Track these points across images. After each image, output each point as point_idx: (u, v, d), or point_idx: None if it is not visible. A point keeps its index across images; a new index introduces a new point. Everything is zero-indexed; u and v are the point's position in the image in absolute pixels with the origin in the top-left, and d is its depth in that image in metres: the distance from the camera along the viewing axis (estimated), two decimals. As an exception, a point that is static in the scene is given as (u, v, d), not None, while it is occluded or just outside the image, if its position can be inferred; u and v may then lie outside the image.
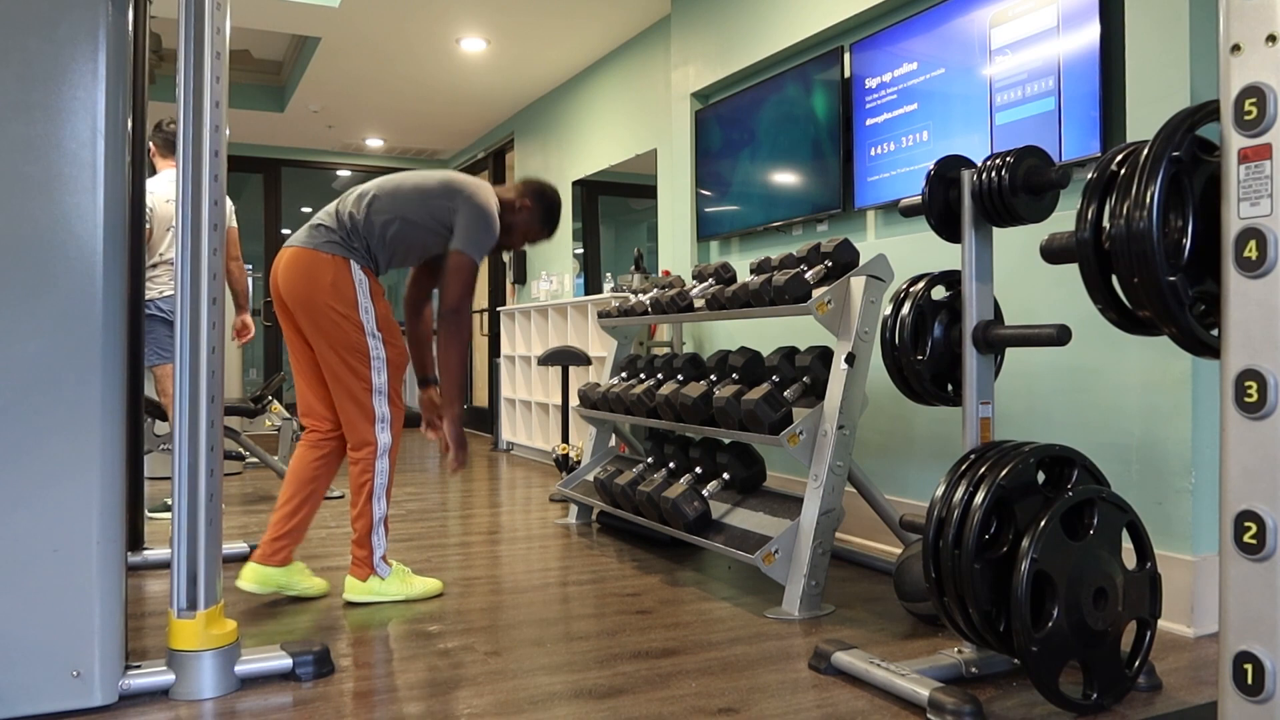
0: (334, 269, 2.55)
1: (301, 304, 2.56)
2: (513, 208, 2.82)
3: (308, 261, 2.56)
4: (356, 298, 2.56)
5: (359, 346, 2.55)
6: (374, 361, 2.57)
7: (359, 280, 2.57)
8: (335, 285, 2.54)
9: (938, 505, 1.85)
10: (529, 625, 2.43)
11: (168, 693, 1.91)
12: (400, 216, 2.64)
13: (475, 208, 2.66)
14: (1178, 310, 1.45)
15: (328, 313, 2.54)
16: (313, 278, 2.55)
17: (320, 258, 2.56)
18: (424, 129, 7.81)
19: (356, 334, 2.55)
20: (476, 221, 2.65)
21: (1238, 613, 1.29)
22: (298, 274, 2.57)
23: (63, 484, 1.81)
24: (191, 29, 1.93)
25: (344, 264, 2.56)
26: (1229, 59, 1.30)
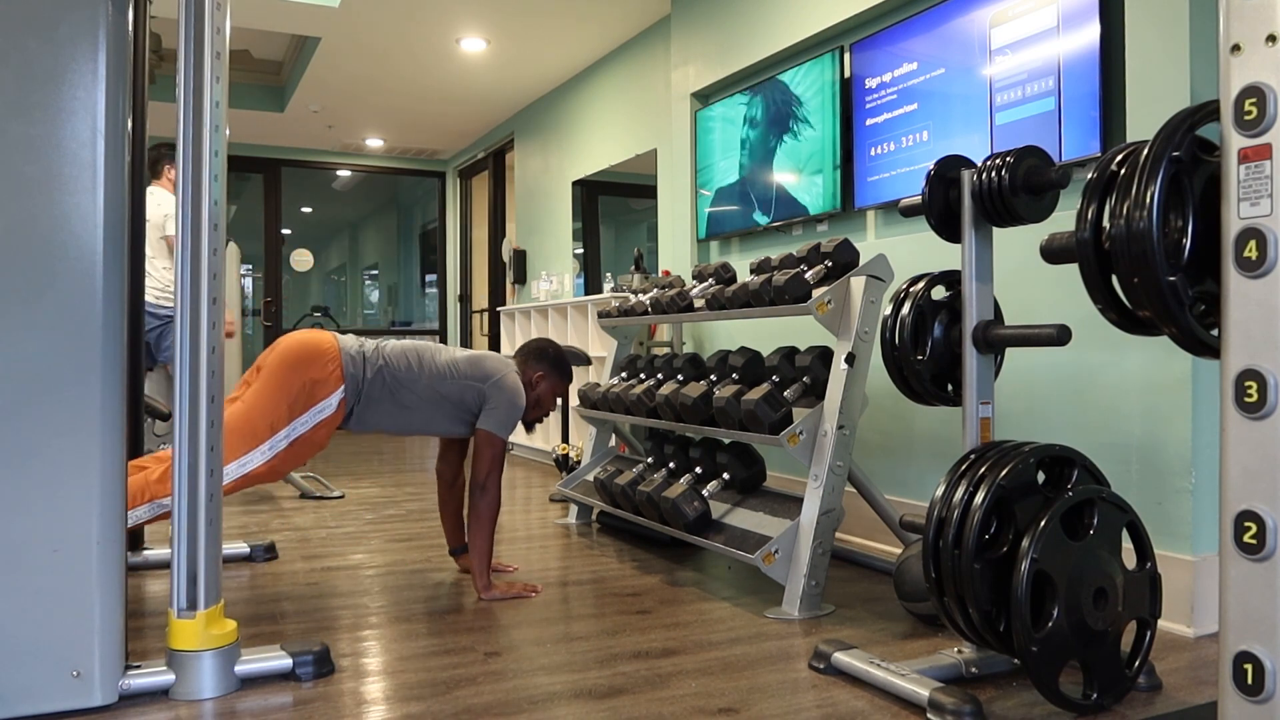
0: (326, 371, 2.54)
1: (277, 358, 2.54)
2: (531, 385, 2.88)
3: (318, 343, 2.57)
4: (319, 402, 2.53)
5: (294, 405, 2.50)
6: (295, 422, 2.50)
7: (331, 403, 2.55)
8: (315, 381, 2.52)
9: (938, 505, 1.85)
10: (529, 625, 2.43)
11: (168, 693, 1.91)
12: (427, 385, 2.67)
13: (505, 391, 2.72)
14: (1178, 310, 1.45)
15: (293, 376, 2.50)
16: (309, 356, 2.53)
17: (329, 354, 2.56)
18: (424, 129, 7.81)
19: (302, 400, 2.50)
20: (509, 405, 2.72)
21: (1238, 613, 1.29)
22: (299, 342, 2.58)
23: (63, 484, 1.80)
24: (191, 29, 1.93)
25: (336, 380, 2.55)
26: (1229, 59, 1.30)
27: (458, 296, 8.90)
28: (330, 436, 2.59)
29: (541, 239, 6.85)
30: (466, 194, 8.79)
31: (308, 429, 2.51)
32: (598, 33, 5.46)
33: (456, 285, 8.95)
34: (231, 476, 2.39)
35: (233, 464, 2.39)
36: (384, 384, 2.62)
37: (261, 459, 2.44)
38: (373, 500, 4.50)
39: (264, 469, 2.45)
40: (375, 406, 2.63)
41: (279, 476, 2.52)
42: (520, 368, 2.88)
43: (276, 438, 2.46)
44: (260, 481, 2.49)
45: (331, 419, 2.55)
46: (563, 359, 2.95)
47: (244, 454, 2.41)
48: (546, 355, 2.92)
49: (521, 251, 7.18)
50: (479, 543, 2.67)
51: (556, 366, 2.92)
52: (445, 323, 9.07)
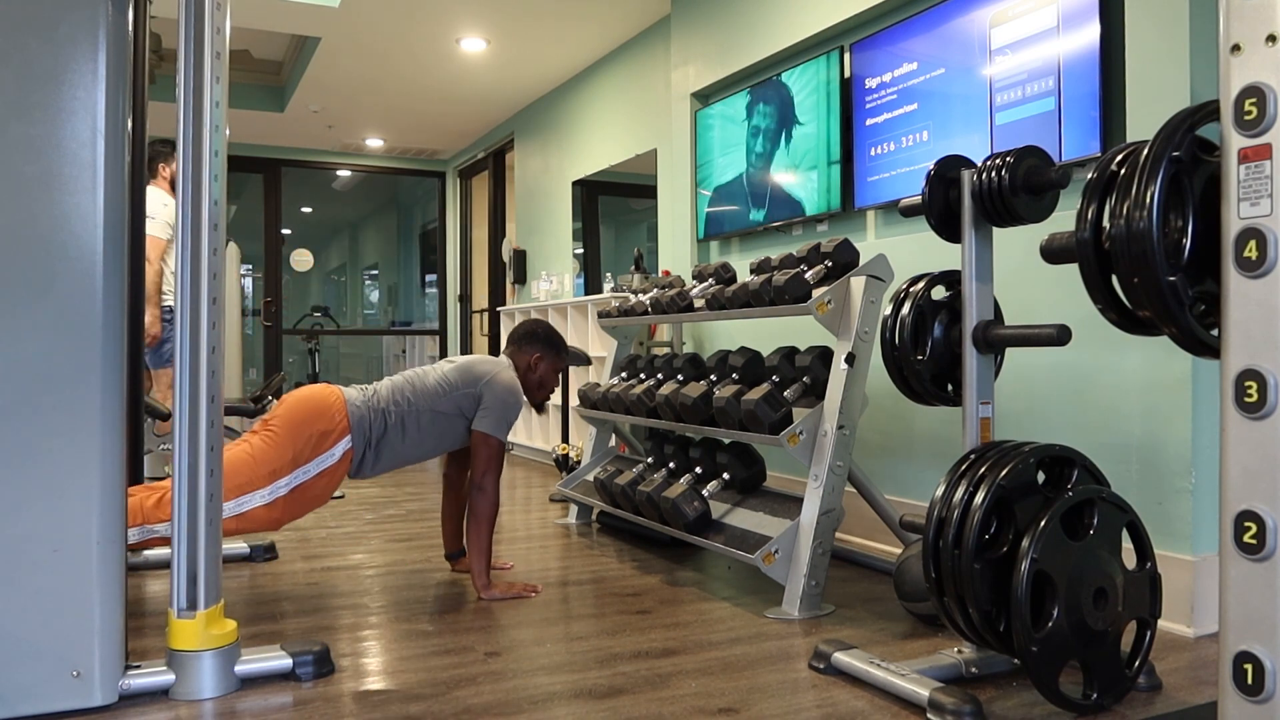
0: (333, 423, 2.58)
1: (286, 411, 2.58)
2: (529, 368, 2.91)
3: (325, 397, 2.62)
4: (324, 452, 2.56)
5: (299, 455, 2.53)
6: (298, 470, 2.53)
7: (335, 453, 2.58)
8: (322, 433, 2.56)
9: (938, 505, 1.85)
10: (529, 625, 2.43)
11: (168, 693, 1.91)
12: (426, 410, 2.71)
13: (498, 390, 2.74)
14: (1178, 310, 1.45)
15: (300, 428, 2.54)
16: (316, 410, 2.58)
17: (336, 406, 2.61)
18: (424, 129, 7.81)
19: (307, 450, 2.54)
20: (502, 404, 2.73)
21: (1238, 613, 1.29)
22: (306, 397, 2.62)
23: (63, 484, 1.80)
24: (191, 29, 1.92)
25: (343, 431, 2.59)
26: (1229, 59, 1.30)
27: (458, 296, 8.90)
28: (332, 490, 2.62)
29: (541, 239, 6.85)
30: (466, 194, 8.79)
31: (309, 478, 2.54)
32: (598, 33, 5.46)
33: (456, 285, 8.94)
34: (230, 514, 2.42)
35: (230, 503, 2.42)
36: (387, 425, 2.67)
37: (260, 501, 2.47)
38: (373, 500, 4.50)
39: (262, 513, 2.48)
40: (386, 448, 2.69)
41: (277, 525, 2.54)
42: (514, 356, 2.91)
43: (278, 484, 2.49)
44: (260, 527, 2.51)
45: (334, 469, 2.59)
46: (553, 335, 2.98)
47: (241, 495, 2.45)
48: (537, 336, 2.95)
49: (521, 251, 7.18)
50: (478, 542, 2.67)
51: (549, 344, 2.96)
52: (445, 323, 9.07)
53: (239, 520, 2.45)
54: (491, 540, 2.70)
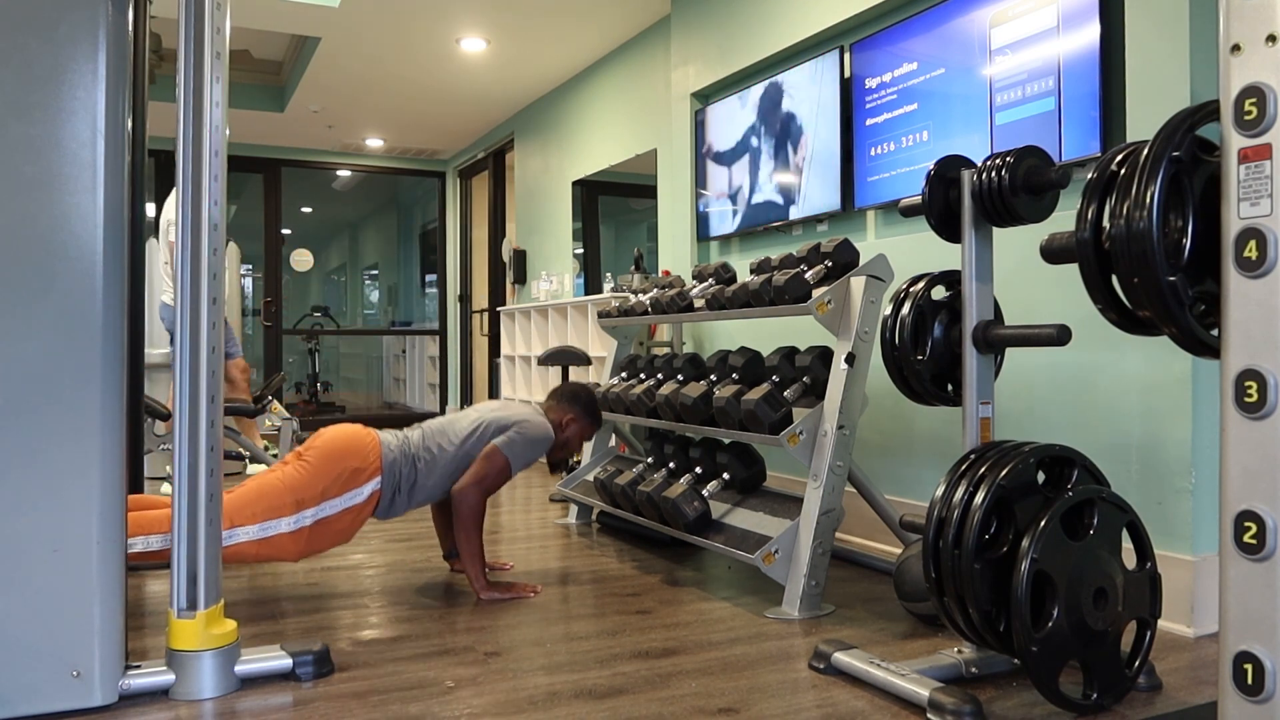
0: (366, 461, 2.62)
1: (323, 444, 2.63)
2: (562, 427, 2.95)
3: (361, 436, 2.66)
4: (352, 489, 2.59)
5: (328, 489, 2.55)
6: (325, 504, 2.55)
7: (363, 491, 2.61)
8: (355, 470, 2.60)
9: (938, 505, 1.85)
10: (529, 625, 2.43)
11: (168, 693, 1.91)
12: (457, 451, 2.75)
13: (529, 428, 2.79)
14: (1178, 310, 1.45)
15: (333, 463, 2.58)
16: (352, 447, 2.62)
17: (371, 446, 2.65)
18: (424, 129, 7.81)
19: (337, 485, 2.56)
20: (527, 441, 2.78)
21: (1238, 613, 1.29)
22: (343, 433, 2.67)
23: (63, 484, 1.80)
24: (191, 29, 1.92)
25: (374, 471, 2.63)
26: (1229, 59, 1.30)
27: (458, 296, 8.90)
28: (355, 529, 2.65)
29: (541, 239, 6.86)
30: (466, 194, 8.79)
31: (334, 513, 2.56)
32: (598, 33, 5.46)
33: (456, 285, 8.94)
34: (252, 537, 2.45)
35: (254, 525, 2.46)
36: (417, 471, 2.72)
37: (286, 529, 2.49)
38: (373, 500, 4.49)
39: (286, 540, 2.50)
40: (413, 493, 2.73)
41: (298, 557, 2.56)
42: (549, 411, 2.96)
43: (304, 514, 2.52)
44: (282, 555, 2.53)
45: (360, 508, 2.61)
46: (594, 405, 3.04)
47: (268, 519, 2.48)
48: (580, 399, 3.01)
49: (521, 251, 7.18)
50: (468, 547, 2.68)
51: (589, 411, 3.01)
52: (445, 323, 9.07)
53: (261, 545, 2.47)
54: (481, 543, 2.70)
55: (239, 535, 2.44)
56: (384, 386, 11.01)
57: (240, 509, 2.46)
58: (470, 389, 8.62)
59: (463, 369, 8.78)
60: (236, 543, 2.43)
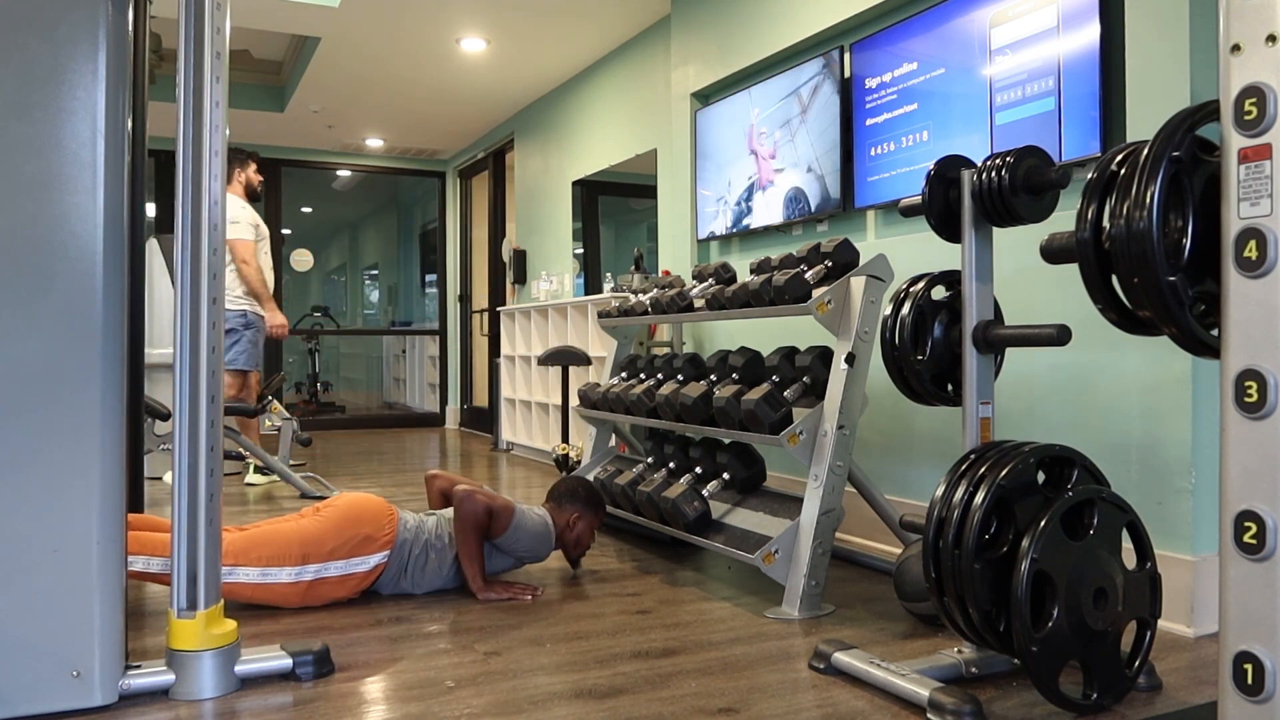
0: (380, 532, 2.65)
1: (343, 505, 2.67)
2: (568, 526, 2.96)
3: (382, 508, 2.70)
4: (359, 556, 2.61)
5: (336, 549, 2.58)
6: (329, 564, 2.57)
7: (369, 561, 2.62)
8: (367, 537, 2.62)
9: (938, 505, 1.85)
10: (529, 625, 2.43)
11: (168, 693, 1.91)
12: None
13: (532, 520, 2.80)
14: (1178, 310, 1.45)
15: (348, 525, 2.61)
16: (370, 515, 2.65)
17: (389, 519, 2.68)
18: (424, 129, 7.81)
19: (345, 549, 2.59)
20: (530, 524, 2.79)
21: (1238, 613, 1.29)
22: (365, 500, 2.70)
23: (63, 484, 1.80)
24: (191, 29, 1.93)
25: (385, 544, 2.65)
26: (1229, 59, 1.30)
27: (458, 296, 8.90)
28: (354, 595, 2.65)
29: (541, 239, 6.86)
30: (466, 194, 8.79)
31: (336, 575, 2.58)
32: (598, 33, 5.46)
33: (456, 285, 8.94)
34: (252, 580, 2.47)
35: (256, 570, 2.47)
36: (428, 557, 2.73)
37: (286, 578, 2.51)
38: (373, 500, 4.49)
39: (284, 589, 2.51)
40: (414, 577, 2.72)
41: (292, 605, 2.56)
42: (553, 513, 2.95)
43: (306, 568, 2.53)
44: (278, 603, 2.54)
45: (362, 576, 2.62)
46: (593, 495, 3.03)
47: (271, 565, 2.49)
48: (578, 496, 3.00)
49: (521, 251, 7.18)
50: (466, 549, 2.68)
51: (589, 503, 3.00)
52: (445, 323, 9.07)
53: (258, 589, 2.49)
54: (481, 545, 2.70)
55: (239, 575, 2.45)
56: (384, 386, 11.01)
57: (246, 550, 2.48)
58: (470, 389, 8.62)
59: (463, 369, 8.78)
60: (236, 581, 2.45)
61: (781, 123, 3.87)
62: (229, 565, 2.42)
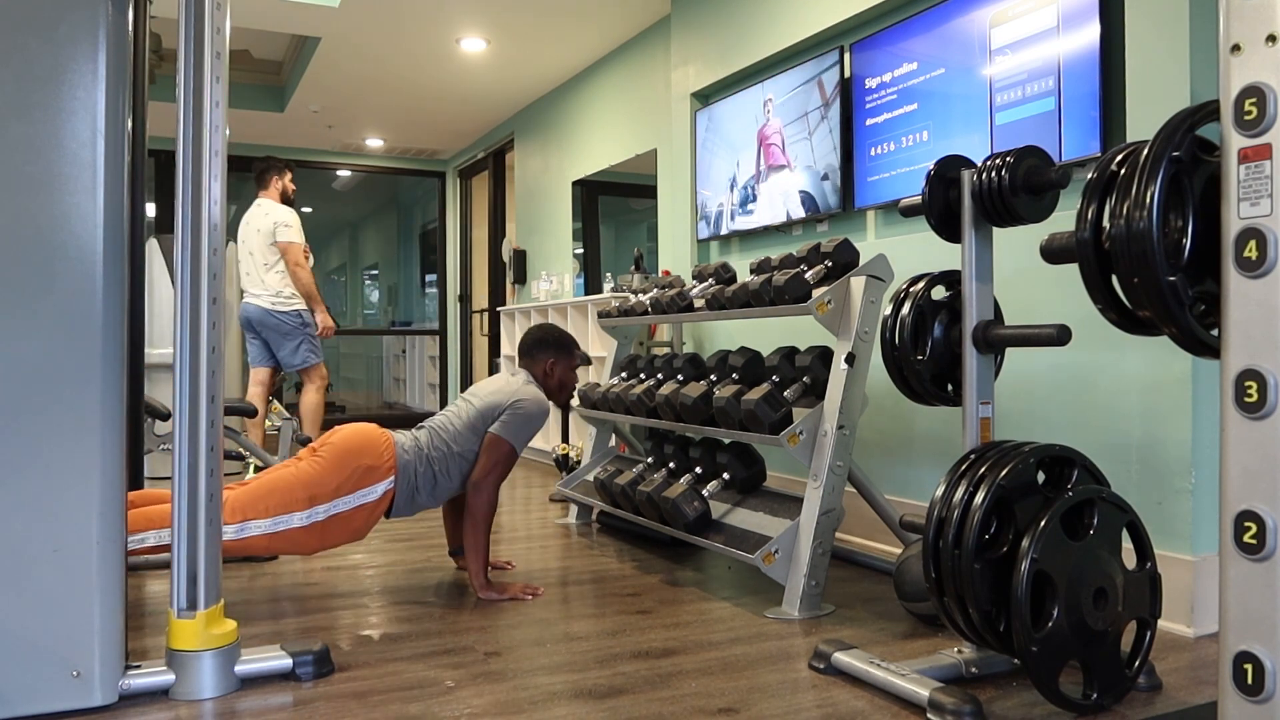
0: (380, 460, 2.63)
1: (338, 440, 2.64)
2: (546, 374, 2.97)
3: (375, 436, 2.67)
4: (365, 487, 2.60)
5: (341, 485, 2.56)
6: (338, 500, 2.56)
7: (376, 490, 2.62)
8: (369, 468, 2.60)
9: (938, 505, 1.85)
10: (529, 625, 2.43)
11: (168, 693, 1.91)
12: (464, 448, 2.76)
13: (523, 406, 2.79)
14: (1178, 310, 1.45)
15: (347, 459, 2.59)
16: (366, 445, 2.63)
17: (386, 445, 2.66)
18: (424, 129, 7.81)
19: (350, 483, 2.57)
20: (524, 416, 2.78)
21: (1238, 613, 1.29)
22: (357, 431, 2.68)
23: (63, 484, 1.80)
24: (191, 29, 1.93)
25: (388, 471, 2.64)
26: (1229, 59, 1.30)
27: (458, 296, 8.90)
28: (370, 526, 2.65)
29: (541, 239, 6.85)
30: (466, 194, 8.79)
31: (348, 509, 2.57)
32: (598, 33, 5.45)
33: (456, 285, 8.94)
34: (265, 530, 2.46)
35: (267, 520, 2.47)
36: (434, 472, 2.72)
37: (298, 523, 2.50)
38: (373, 500, 4.49)
39: (300, 535, 2.51)
40: (424, 494, 2.73)
41: (312, 551, 2.57)
42: (529, 367, 2.95)
43: (316, 509, 2.53)
44: (295, 549, 2.55)
45: (373, 506, 2.62)
46: (562, 337, 3.04)
47: (281, 513, 2.48)
48: (547, 342, 3.01)
49: (521, 251, 7.18)
50: (474, 543, 2.68)
51: (560, 346, 3.01)
52: (445, 323, 9.07)
53: (274, 538, 2.48)
54: (489, 541, 2.71)
55: (251, 529, 2.45)
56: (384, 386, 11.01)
57: (253, 503, 2.47)
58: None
59: (463, 369, 8.78)
60: (249, 536, 2.45)
61: (782, 122, 3.87)
62: (239, 521, 2.42)
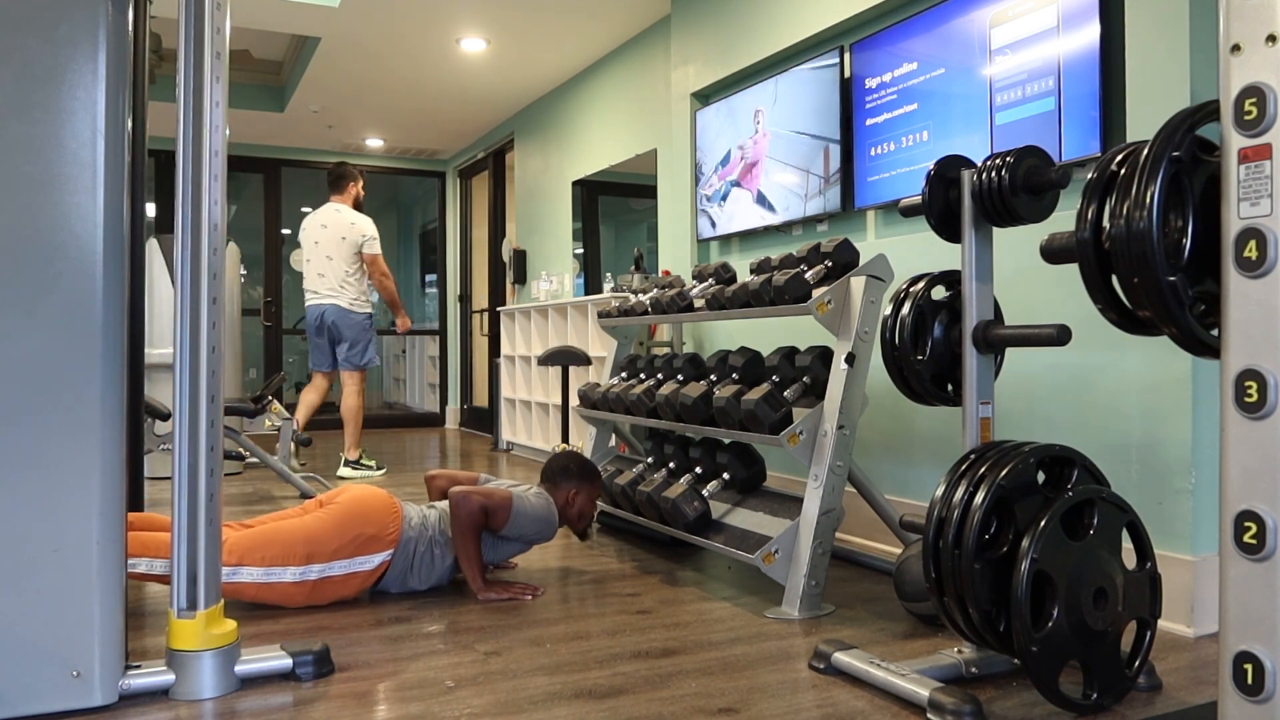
0: (384, 530, 2.64)
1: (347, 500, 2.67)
2: (568, 502, 2.95)
3: (386, 504, 2.69)
4: (362, 555, 2.61)
5: (340, 549, 2.58)
6: (333, 563, 2.56)
7: (372, 560, 2.62)
8: (371, 537, 2.61)
9: (938, 505, 1.85)
10: (529, 625, 2.43)
11: (168, 693, 1.91)
12: None
13: (537, 503, 2.80)
14: (1178, 310, 1.45)
15: (352, 523, 2.61)
16: (374, 512, 2.65)
17: (393, 516, 2.67)
18: (424, 129, 7.81)
19: (349, 548, 2.58)
20: (532, 510, 2.78)
21: (1238, 613, 1.29)
22: (370, 494, 2.70)
23: (63, 484, 1.80)
24: (191, 29, 1.93)
25: (389, 543, 2.64)
26: (1229, 59, 1.30)
27: (458, 296, 8.90)
28: (357, 594, 2.66)
29: (541, 239, 6.86)
30: (466, 194, 8.79)
31: (340, 575, 2.58)
32: (598, 33, 5.46)
33: (456, 285, 8.94)
34: (255, 579, 2.47)
35: (260, 569, 2.47)
36: (434, 555, 2.73)
37: (291, 578, 2.51)
38: (373, 500, 4.49)
39: (289, 589, 2.52)
40: (417, 574, 2.72)
41: (298, 605, 2.57)
42: (552, 491, 2.94)
43: (310, 568, 2.53)
44: (281, 602, 2.54)
45: (364, 575, 2.62)
46: (586, 467, 3.02)
47: (275, 565, 2.49)
48: (571, 472, 2.99)
49: (521, 251, 7.18)
50: (464, 550, 2.68)
51: (584, 476, 3.00)
52: (445, 323, 9.07)
53: (262, 588, 2.49)
54: (479, 545, 2.70)
55: (243, 574, 2.46)
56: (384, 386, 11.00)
57: (251, 550, 2.48)
58: (470, 389, 8.62)
59: (463, 369, 8.78)
60: (239, 581, 2.45)
61: (783, 122, 3.87)
62: (232, 565, 2.42)
